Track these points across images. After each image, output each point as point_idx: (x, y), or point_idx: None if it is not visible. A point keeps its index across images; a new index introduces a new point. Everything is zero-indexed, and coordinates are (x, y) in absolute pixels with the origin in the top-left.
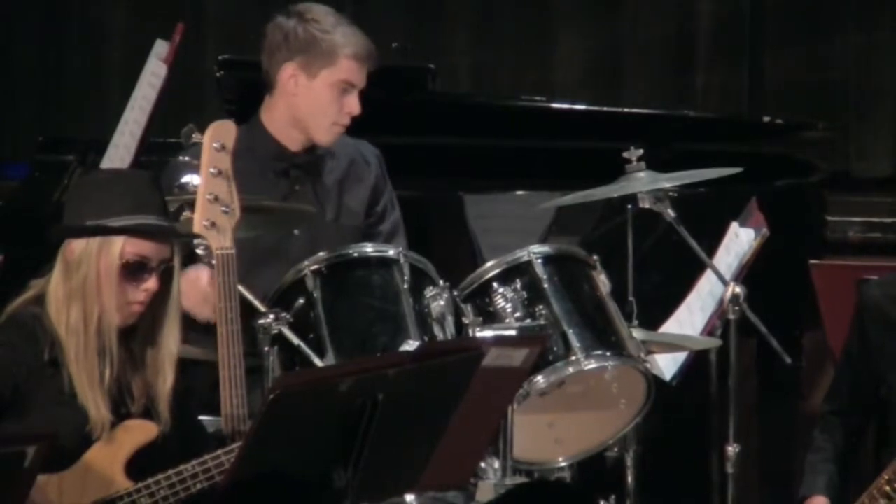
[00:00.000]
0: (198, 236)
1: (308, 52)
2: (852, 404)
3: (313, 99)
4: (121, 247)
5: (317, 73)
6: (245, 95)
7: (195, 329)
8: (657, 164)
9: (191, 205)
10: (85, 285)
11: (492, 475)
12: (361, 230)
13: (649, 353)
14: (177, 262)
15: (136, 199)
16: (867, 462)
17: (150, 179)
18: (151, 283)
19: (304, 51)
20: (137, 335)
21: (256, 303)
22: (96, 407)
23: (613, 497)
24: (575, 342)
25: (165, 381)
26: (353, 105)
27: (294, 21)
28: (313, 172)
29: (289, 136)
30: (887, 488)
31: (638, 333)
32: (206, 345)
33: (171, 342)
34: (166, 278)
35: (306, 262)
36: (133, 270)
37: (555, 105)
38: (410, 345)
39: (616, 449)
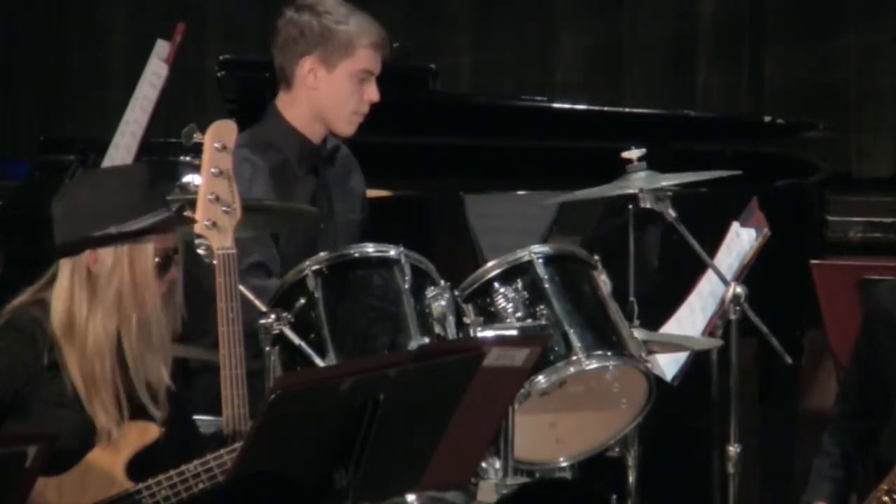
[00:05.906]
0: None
1: (325, 44)
2: (862, 408)
3: (334, 91)
4: (153, 245)
5: (335, 64)
6: (246, 95)
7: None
8: (657, 164)
9: (192, 204)
10: (121, 298)
11: (493, 475)
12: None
13: (650, 352)
14: (179, 250)
15: (148, 195)
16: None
17: (147, 171)
18: (174, 273)
19: (321, 44)
20: (135, 330)
21: (258, 302)
22: (105, 414)
23: (615, 497)
24: (576, 342)
25: (163, 372)
26: (373, 93)
27: (307, 15)
28: (332, 164)
29: (312, 129)
30: (885, 499)
31: (639, 333)
32: (208, 347)
33: (166, 331)
34: None
35: (307, 262)
36: (164, 266)
37: (555, 105)
38: (418, 341)
39: (617, 449)
